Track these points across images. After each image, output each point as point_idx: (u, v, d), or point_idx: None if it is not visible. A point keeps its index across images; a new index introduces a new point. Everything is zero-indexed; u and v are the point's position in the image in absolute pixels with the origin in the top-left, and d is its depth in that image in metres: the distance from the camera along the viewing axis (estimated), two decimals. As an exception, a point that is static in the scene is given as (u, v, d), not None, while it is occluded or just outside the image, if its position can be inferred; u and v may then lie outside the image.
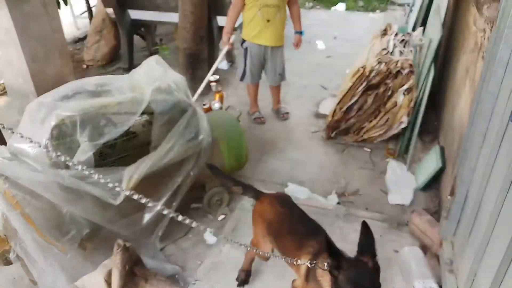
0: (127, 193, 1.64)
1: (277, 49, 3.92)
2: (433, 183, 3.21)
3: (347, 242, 2.64)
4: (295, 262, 1.86)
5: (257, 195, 2.33)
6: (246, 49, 3.91)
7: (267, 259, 2.32)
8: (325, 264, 1.71)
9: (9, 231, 2.22)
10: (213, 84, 3.70)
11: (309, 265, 1.80)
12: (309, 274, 1.88)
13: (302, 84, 5.06)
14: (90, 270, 2.34)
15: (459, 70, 3.22)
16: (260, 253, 2.10)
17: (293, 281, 2.14)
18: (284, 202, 2.23)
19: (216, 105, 3.56)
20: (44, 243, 2.27)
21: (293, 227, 2.08)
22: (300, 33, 4.04)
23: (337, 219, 2.83)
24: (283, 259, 1.91)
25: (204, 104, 3.55)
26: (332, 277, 1.68)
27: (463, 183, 2.20)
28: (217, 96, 3.62)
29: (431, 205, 3.05)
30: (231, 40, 3.83)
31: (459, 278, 2.14)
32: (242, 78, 4.07)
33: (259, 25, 3.71)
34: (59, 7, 4.81)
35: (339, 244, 2.63)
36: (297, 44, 4.06)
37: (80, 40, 6.43)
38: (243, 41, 3.92)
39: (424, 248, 2.57)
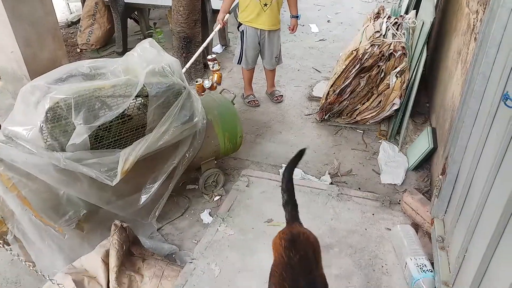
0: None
1: (274, 32, 3.93)
2: (425, 163, 3.26)
3: (340, 221, 2.70)
4: None
5: (289, 219, 2.05)
6: (242, 32, 3.91)
7: None
8: None
9: (6, 213, 2.23)
10: (210, 62, 3.62)
11: None
12: None
13: (295, 67, 5.07)
14: (88, 251, 2.37)
15: (451, 52, 3.25)
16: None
17: None
18: (291, 245, 1.82)
19: (205, 82, 3.46)
20: (41, 225, 2.29)
21: (285, 278, 1.74)
22: (296, 17, 4.04)
23: (330, 198, 2.87)
24: None
25: (196, 81, 3.50)
26: None
27: (454, 162, 2.24)
28: (215, 75, 3.55)
29: (422, 185, 3.11)
30: (225, 19, 3.84)
31: (450, 254, 2.19)
32: (239, 61, 4.10)
33: (256, 9, 3.71)
34: (50, -11, 4.74)
35: (333, 221, 2.70)
36: (293, 28, 4.07)
37: (73, 24, 6.36)
38: (240, 24, 3.92)
39: (416, 226, 2.63)
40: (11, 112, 2.20)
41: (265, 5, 3.69)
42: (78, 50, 5.58)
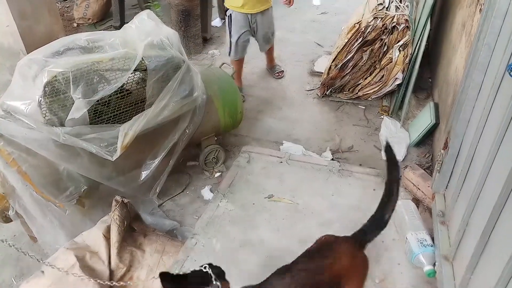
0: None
1: (267, 11, 3.65)
2: (427, 139, 3.24)
3: (341, 196, 2.70)
4: None
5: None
6: (230, 17, 3.60)
7: None
8: None
9: (7, 189, 2.23)
10: None
11: None
12: None
13: (296, 41, 4.99)
14: (89, 227, 2.38)
15: (455, 25, 3.18)
16: None
17: None
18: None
19: None
20: (42, 200, 2.30)
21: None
22: None
23: (331, 174, 2.86)
24: None
25: None
26: None
27: (456, 136, 2.22)
28: None
29: (424, 161, 3.10)
30: None
31: (450, 229, 2.19)
32: (229, 53, 3.81)
33: None
34: (44, -39, 4.62)
35: (334, 197, 2.70)
36: (290, 2, 3.77)
37: (69, -3, 6.24)
38: (227, 9, 3.61)
39: (417, 202, 2.63)
40: (9, 86, 2.17)
41: None
42: (75, 24, 5.49)
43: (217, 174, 3.03)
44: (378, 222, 1.89)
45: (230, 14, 3.59)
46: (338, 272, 1.68)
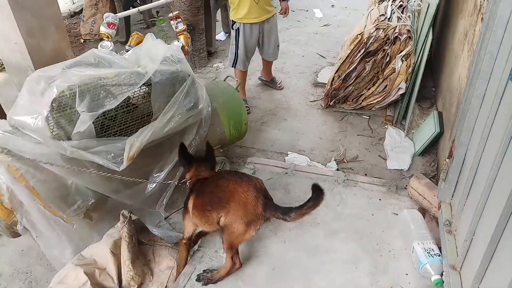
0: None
1: (272, 19, 3.72)
2: (431, 148, 3.25)
3: (347, 207, 2.69)
4: None
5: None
6: (237, 30, 3.67)
7: None
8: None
9: (15, 204, 2.24)
10: (172, 21, 3.18)
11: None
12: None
13: (300, 53, 5.04)
14: (96, 240, 2.39)
15: (457, 34, 3.20)
16: None
17: None
18: None
19: (175, 44, 3.12)
20: (50, 215, 2.31)
21: None
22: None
23: (337, 184, 2.87)
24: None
25: None
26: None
27: (461, 145, 2.22)
28: (182, 37, 3.18)
29: (429, 170, 3.09)
30: None
31: (457, 238, 2.18)
32: (234, 64, 3.84)
33: (248, 3, 3.48)
34: (51, -21, 4.71)
35: (340, 207, 2.70)
36: (285, 12, 3.86)
37: (76, 14, 6.35)
38: (233, 22, 3.68)
39: (423, 211, 2.62)
40: (16, 101, 2.20)
41: None
42: (82, 40, 5.58)
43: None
44: (284, 210, 2.11)
45: (238, 27, 3.64)
46: None
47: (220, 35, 5.50)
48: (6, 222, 2.29)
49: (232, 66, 3.87)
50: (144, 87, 2.43)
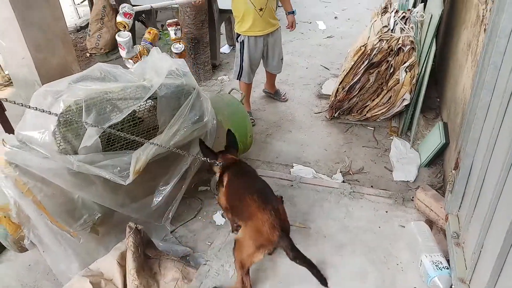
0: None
1: (276, 32, 3.74)
2: (437, 159, 3.23)
3: (353, 219, 2.68)
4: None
5: None
6: (242, 43, 3.67)
7: None
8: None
9: (22, 218, 2.26)
10: (170, 28, 3.23)
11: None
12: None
13: (304, 65, 5.06)
14: (103, 254, 2.39)
15: (461, 45, 3.21)
16: None
17: None
18: None
19: (176, 46, 3.23)
20: (57, 229, 2.32)
21: None
22: (292, 12, 3.85)
23: (343, 197, 2.86)
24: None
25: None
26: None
27: (467, 156, 2.21)
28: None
29: (435, 181, 3.08)
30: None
31: (466, 251, 2.16)
32: (239, 77, 3.83)
33: (252, 15, 3.48)
34: (58, -5, 4.79)
35: (346, 220, 2.69)
36: (292, 25, 3.87)
37: (82, 28, 6.43)
38: (238, 35, 3.69)
39: (430, 223, 2.60)
40: (23, 116, 2.22)
41: (261, 9, 3.47)
42: (88, 54, 5.64)
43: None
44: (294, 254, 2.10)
45: (243, 40, 3.65)
46: None
47: (225, 48, 5.55)
48: (13, 236, 2.31)
49: (237, 79, 3.88)
50: (150, 100, 2.45)
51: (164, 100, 2.40)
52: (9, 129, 2.93)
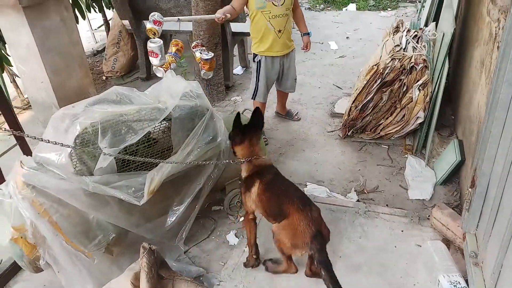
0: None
1: (291, 54, 3.81)
2: (453, 177, 3.19)
3: (369, 239, 2.65)
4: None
5: None
6: (259, 63, 3.74)
7: None
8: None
9: (38, 239, 2.28)
10: (195, 49, 3.26)
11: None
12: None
13: (316, 84, 5.08)
14: (117, 275, 2.39)
15: (474, 62, 3.20)
16: None
17: None
18: None
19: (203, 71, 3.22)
20: (72, 250, 2.34)
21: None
22: (308, 34, 3.93)
23: (358, 216, 2.83)
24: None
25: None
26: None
27: (483, 174, 2.18)
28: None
29: (452, 199, 3.03)
30: (224, 17, 3.37)
31: (485, 271, 2.11)
32: (254, 96, 3.88)
33: (271, 37, 3.57)
34: (77, 21, 4.95)
35: (361, 239, 2.65)
36: (307, 46, 3.94)
37: (99, 52, 6.60)
38: (255, 55, 3.75)
39: (447, 242, 2.55)
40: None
41: (279, 31, 3.56)
42: (104, 77, 5.76)
43: (242, 218, 3.03)
44: (321, 260, 2.15)
45: (260, 60, 3.72)
46: None
47: (237, 69, 5.62)
48: (29, 257, 2.33)
49: (252, 98, 3.93)
50: (165, 122, 2.49)
51: (178, 121, 2.44)
52: (27, 151, 2.99)
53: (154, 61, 2.95)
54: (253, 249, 2.52)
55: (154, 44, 2.89)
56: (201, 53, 3.27)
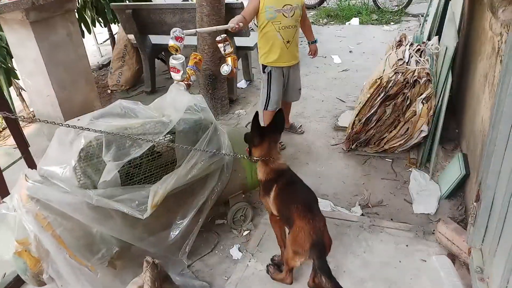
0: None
1: (297, 66, 3.90)
2: (458, 191, 3.17)
3: (373, 253, 2.62)
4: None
5: None
6: (269, 73, 3.78)
7: None
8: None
9: (41, 253, 2.28)
10: (220, 44, 3.26)
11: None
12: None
13: (320, 98, 5.10)
14: (120, 289, 2.39)
15: (477, 76, 3.20)
16: None
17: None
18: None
19: (225, 68, 3.25)
20: (75, 264, 2.33)
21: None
22: (315, 42, 4.05)
23: (362, 230, 2.81)
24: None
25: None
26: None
27: (488, 188, 2.17)
28: (229, 59, 3.26)
29: (456, 213, 3.01)
30: (238, 26, 3.42)
31: (491, 286, 2.09)
32: (266, 106, 3.92)
33: (279, 47, 3.63)
34: (83, 36, 5.02)
35: (366, 254, 2.63)
36: (314, 53, 4.07)
37: (104, 66, 6.67)
38: (264, 66, 3.80)
39: (452, 257, 2.53)
40: (46, 152, 2.29)
41: (288, 42, 3.64)
42: (109, 91, 5.81)
43: (245, 232, 3.02)
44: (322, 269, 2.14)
45: (270, 71, 3.77)
46: None
47: (241, 83, 5.66)
48: (33, 271, 2.32)
49: (264, 109, 3.96)
50: (169, 135, 2.50)
51: (182, 135, 2.45)
52: (32, 164, 3.01)
53: (176, 76, 2.99)
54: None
55: (176, 61, 2.92)
56: (224, 50, 3.27)
